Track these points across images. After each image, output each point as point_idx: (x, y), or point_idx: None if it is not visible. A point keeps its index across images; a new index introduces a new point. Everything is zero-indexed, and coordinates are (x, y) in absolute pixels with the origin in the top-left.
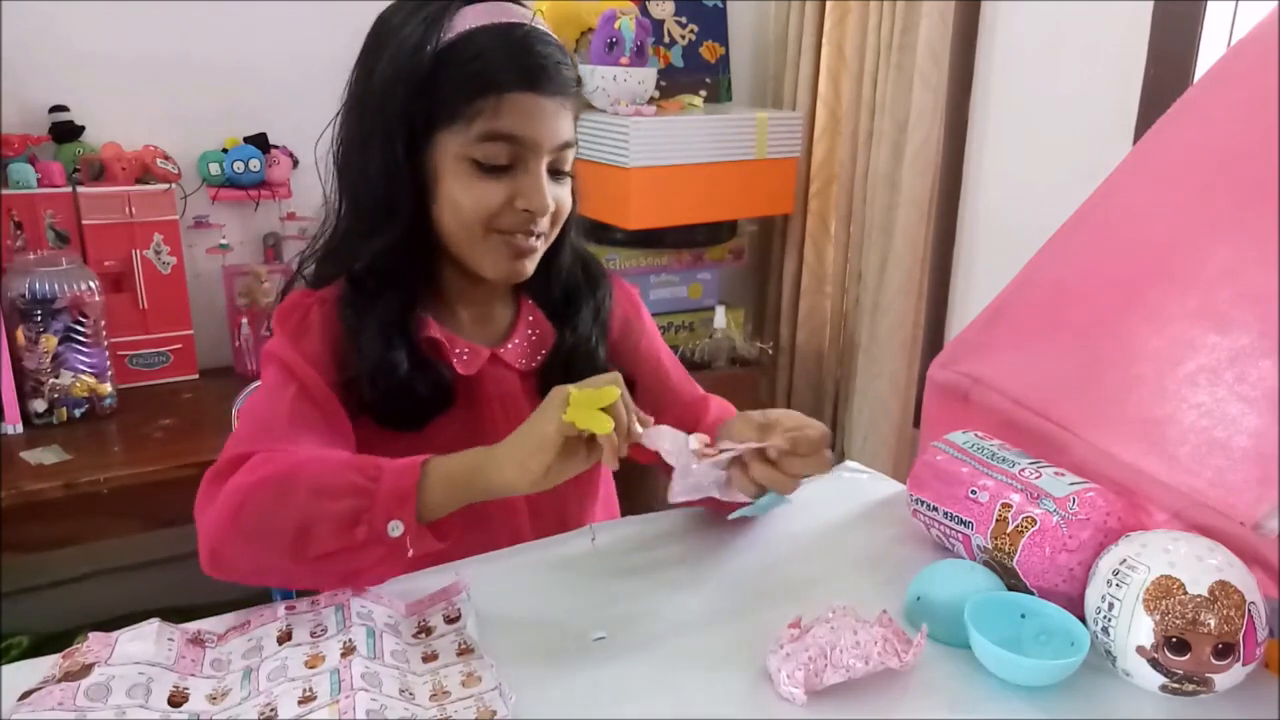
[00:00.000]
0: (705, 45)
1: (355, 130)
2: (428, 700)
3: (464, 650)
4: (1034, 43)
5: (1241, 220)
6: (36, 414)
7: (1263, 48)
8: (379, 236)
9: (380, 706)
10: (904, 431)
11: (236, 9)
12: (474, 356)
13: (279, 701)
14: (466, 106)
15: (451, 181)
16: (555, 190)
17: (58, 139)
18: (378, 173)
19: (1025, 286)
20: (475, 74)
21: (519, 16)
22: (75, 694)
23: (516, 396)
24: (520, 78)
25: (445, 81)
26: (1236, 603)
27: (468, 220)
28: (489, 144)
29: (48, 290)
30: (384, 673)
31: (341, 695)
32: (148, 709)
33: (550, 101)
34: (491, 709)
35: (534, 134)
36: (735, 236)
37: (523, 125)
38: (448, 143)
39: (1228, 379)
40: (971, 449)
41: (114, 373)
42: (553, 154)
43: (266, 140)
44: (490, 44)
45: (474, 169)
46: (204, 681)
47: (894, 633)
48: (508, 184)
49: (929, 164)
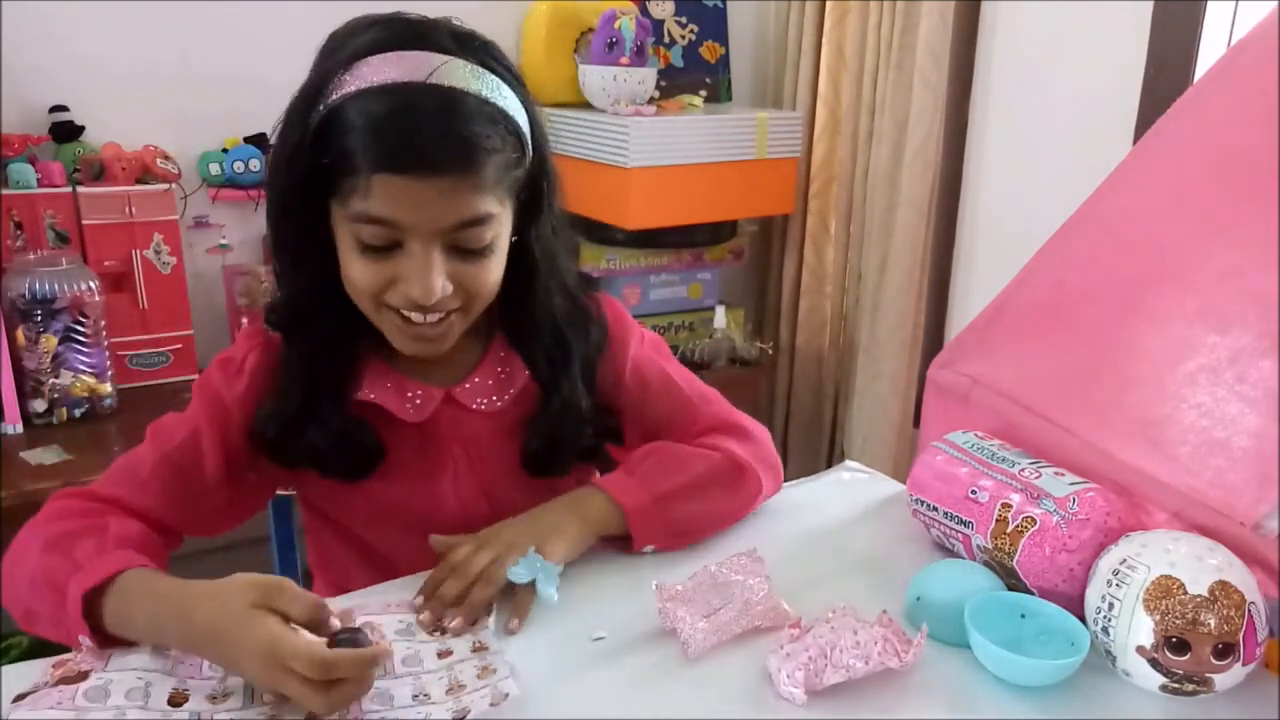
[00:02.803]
0: (705, 45)
1: (269, 171)
2: (444, 695)
3: (479, 648)
4: (1034, 43)
5: (1241, 220)
6: (36, 414)
7: (1263, 48)
8: (291, 289)
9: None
10: (904, 431)
11: (236, 10)
12: (426, 400)
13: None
14: (340, 182)
15: (341, 251)
16: (461, 270)
17: (58, 139)
18: (285, 224)
19: (1025, 286)
20: (342, 152)
21: (418, 72)
22: (74, 695)
23: (479, 438)
24: (387, 160)
25: (320, 153)
26: (1236, 603)
27: (357, 294)
28: (362, 225)
29: (48, 290)
30: (395, 687)
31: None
32: (147, 710)
33: (432, 184)
34: (504, 692)
35: (410, 220)
36: (735, 236)
37: (395, 210)
38: (336, 211)
39: (1228, 379)
40: (971, 449)
41: (114, 373)
42: (448, 234)
43: (266, 140)
44: (360, 118)
45: (356, 244)
46: (204, 683)
47: (894, 633)
48: (391, 265)
49: (929, 164)
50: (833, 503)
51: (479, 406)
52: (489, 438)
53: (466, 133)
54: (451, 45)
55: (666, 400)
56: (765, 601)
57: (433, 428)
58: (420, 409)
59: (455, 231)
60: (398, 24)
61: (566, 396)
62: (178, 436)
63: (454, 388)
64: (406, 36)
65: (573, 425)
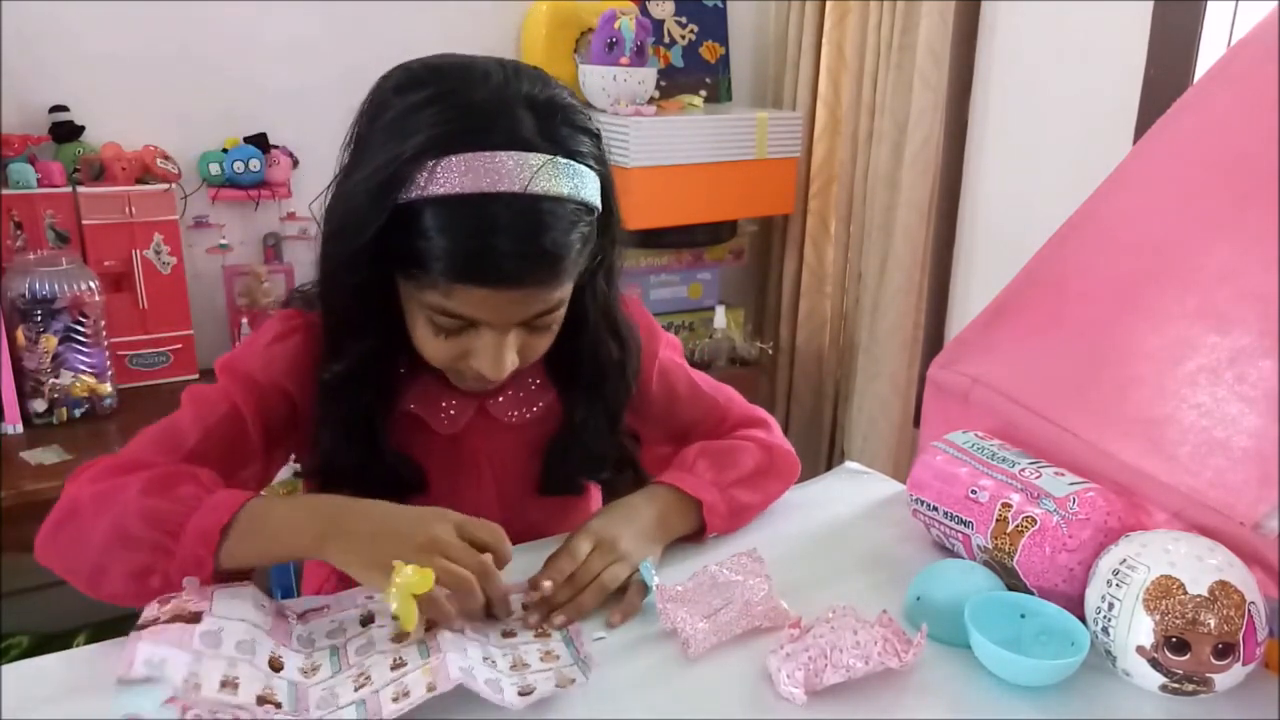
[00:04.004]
0: (705, 45)
1: (331, 241)
2: (508, 669)
3: (541, 634)
4: (1034, 43)
5: (1241, 220)
6: (36, 414)
7: (1263, 48)
8: (350, 357)
9: (470, 666)
10: (904, 431)
11: (237, 9)
12: (460, 412)
13: (372, 670)
14: (418, 274)
15: (411, 321)
16: (526, 341)
17: (58, 139)
18: (349, 304)
19: (1025, 286)
20: (419, 254)
21: (509, 182)
22: (193, 636)
23: (502, 452)
24: (469, 274)
25: (400, 242)
26: (1236, 603)
27: (428, 358)
28: (438, 315)
29: (48, 290)
30: (468, 643)
31: (432, 658)
32: (254, 667)
33: (514, 293)
34: (570, 677)
35: (488, 318)
36: (735, 236)
37: (474, 311)
38: (407, 288)
39: (1228, 379)
40: (971, 449)
41: (114, 373)
42: (520, 324)
43: (266, 140)
44: (442, 228)
45: (429, 324)
46: (295, 654)
47: (894, 633)
48: (463, 342)
49: (929, 164)
50: (833, 503)
51: (510, 418)
52: (513, 451)
53: (553, 248)
54: (532, 131)
55: (693, 404)
56: (766, 602)
57: (465, 440)
58: (455, 420)
59: (530, 319)
60: (466, 99)
61: (593, 430)
62: (220, 409)
63: (487, 399)
64: (482, 124)
65: (595, 455)
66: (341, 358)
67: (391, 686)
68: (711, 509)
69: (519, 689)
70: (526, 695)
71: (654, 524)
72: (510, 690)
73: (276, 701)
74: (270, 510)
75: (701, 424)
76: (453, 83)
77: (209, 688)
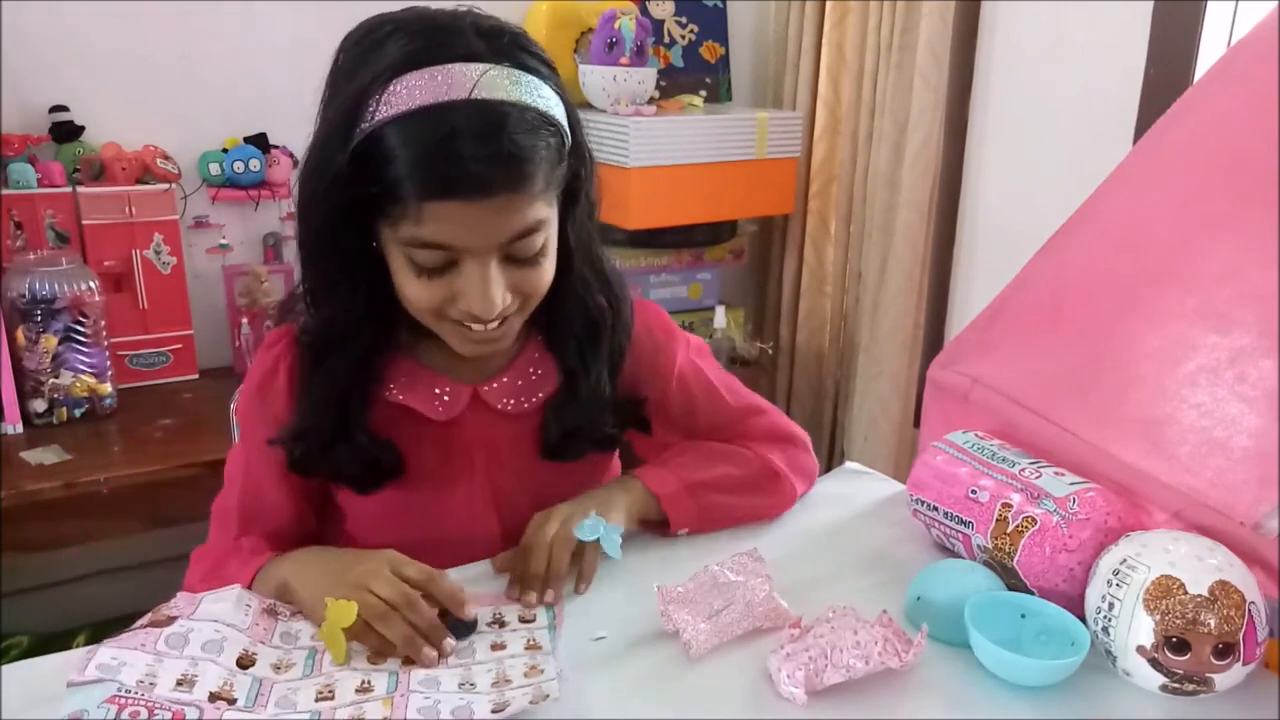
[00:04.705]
0: (705, 45)
1: (305, 182)
2: (489, 687)
3: (531, 646)
4: (1034, 43)
5: (1241, 220)
6: (36, 414)
7: (1263, 48)
8: (328, 313)
9: (434, 703)
10: (904, 431)
11: (237, 9)
12: (454, 398)
13: (338, 686)
14: (389, 208)
15: (394, 270)
16: (518, 276)
17: (58, 139)
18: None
19: (1025, 286)
20: (387, 180)
21: (456, 89)
22: (157, 640)
23: (498, 443)
24: (437, 187)
25: (365, 179)
26: (1236, 603)
27: (415, 310)
28: (416, 249)
29: (48, 290)
30: (444, 675)
31: (396, 693)
32: (218, 664)
33: (484, 205)
34: (545, 693)
35: (465, 242)
36: (735, 236)
37: (449, 234)
38: (384, 232)
39: (1228, 379)
40: (971, 449)
41: (114, 373)
42: (503, 248)
43: (266, 140)
44: (402, 143)
45: (410, 266)
46: (271, 650)
47: (894, 633)
48: (448, 283)
49: (929, 164)
50: (833, 503)
51: (505, 407)
52: (508, 442)
53: (514, 149)
54: (482, 48)
55: (711, 411)
56: (767, 603)
57: (457, 429)
58: (449, 407)
59: (510, 244)
60: (420, 27)
61: (594, 384)
62: (238, 478)
63: (481, 386)
64: (434, 44)
65: (595, 413)
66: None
67: (349, 708)
68: (671, 499)
69: (493, 705)
70: (499, 711)
71: (612, 497)
72: (483, 709)
73: (231, 698)
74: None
75: (720, 431)
76: (405, 21)
77: (164, 686)
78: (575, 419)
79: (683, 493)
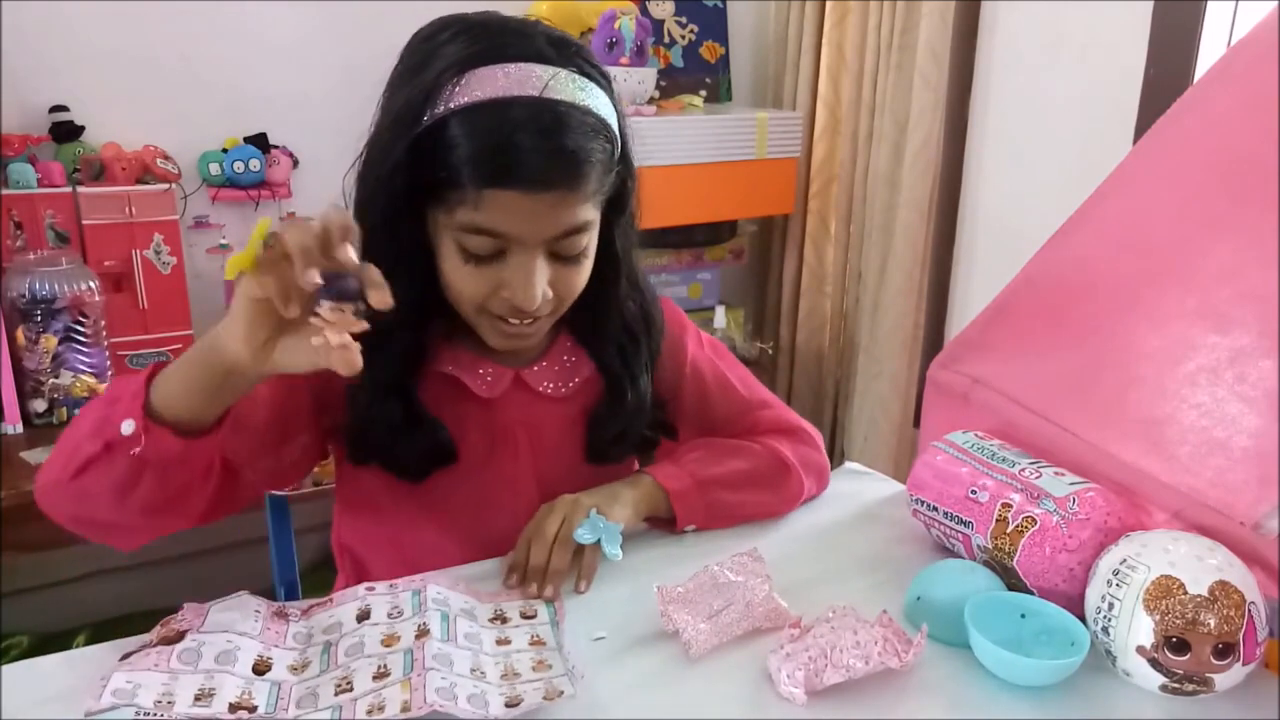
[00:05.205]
0: (705, 45)
1: (365, 173)
2: (498, 679)
3: (536, 642)
4: (1034, 43)
5: (1241, 220)
6: (36, 414)
7: (1263, 48)
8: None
9: (450, 684)
10: (904, 431)
11: (237, 9)
12: (498, 379)
13: (355, 676)
14: (448, 194)
15: (443, 258)
16: (558, 274)
17: (58, 139)
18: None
19: (1025, 286)
20: (449, 165)
21: (526, 86)
22: (170, 657)
23: (542, 422)
24: (499, 176)
25: (427, 166)
26: (1236, 603)
27: (457, 299)
28: (470, 235)
29: (48, 290)
30: (456, 653)
31: (414, 673)
32: (234, 674)
33: (541, 198)
34: (559, 689)
35: (517, 231)
36: (735, 236)
37: (504, 222)
38: (438, 220)
39: (1228, 379)
40: (971, 449)
41: (114, 373)
42: (550, 243)
43: (266, 140)
44: (469, 133)
45: (460, 253)
46: (286, 653)
47: (894, 633)
48: (494, 272)
49: (929, 164)
50: (832, 503)
51: (546, 389)
52: (552, 424)
53: (574, 148)
54: (552, 53)
55: (724, 403)
56: (766, 603)
57: (501, 408)
58: (493, 385)
59: (557, 240)
60: (493, 29)
61: (639, 390)
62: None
63: (523, 369)
64: (506, 44)
65: (640, 418)
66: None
67: (369, 697)
68: (680, 495)
69: (506, 700)
70: (514, 706)
71: (619, 492)
72: (497, 702)
73: (251, 706)
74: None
75: (730, 425)
76: (477, 21)
77: (183, 703)
78: (620, 424)
79: (693, 489)
